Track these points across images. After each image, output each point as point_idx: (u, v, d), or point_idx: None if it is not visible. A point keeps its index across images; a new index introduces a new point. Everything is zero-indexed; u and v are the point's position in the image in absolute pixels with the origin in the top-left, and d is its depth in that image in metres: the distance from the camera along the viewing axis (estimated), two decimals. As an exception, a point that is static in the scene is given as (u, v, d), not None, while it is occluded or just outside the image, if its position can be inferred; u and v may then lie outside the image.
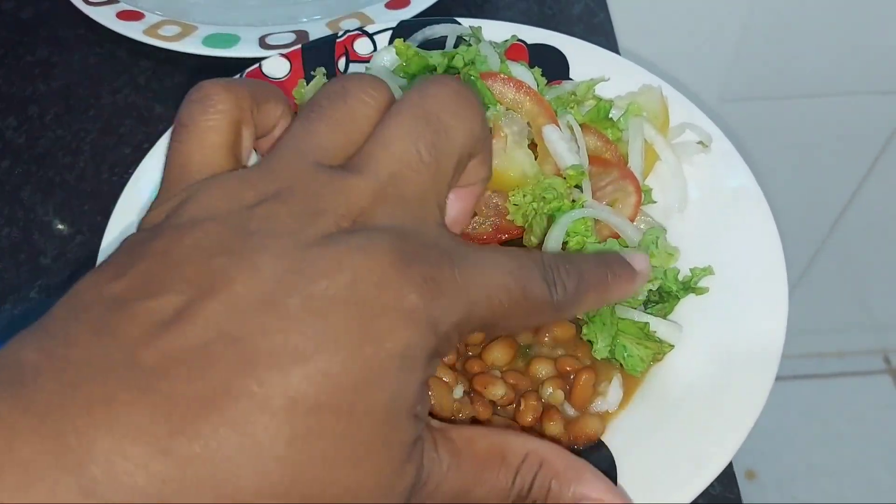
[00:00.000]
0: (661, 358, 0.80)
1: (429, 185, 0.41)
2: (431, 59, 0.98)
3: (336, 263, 0.35)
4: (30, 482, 0.30)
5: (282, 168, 0.40)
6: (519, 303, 0.41)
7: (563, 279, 0.43)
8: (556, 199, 0.83)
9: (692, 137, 0.92)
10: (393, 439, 0.36)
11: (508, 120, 0.88)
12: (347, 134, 0.42)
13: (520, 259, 0.42)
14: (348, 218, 0.38)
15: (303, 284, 0.34)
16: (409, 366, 0.36)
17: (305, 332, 0.34)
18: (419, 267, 0.36)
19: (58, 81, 1.14)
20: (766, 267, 0.84)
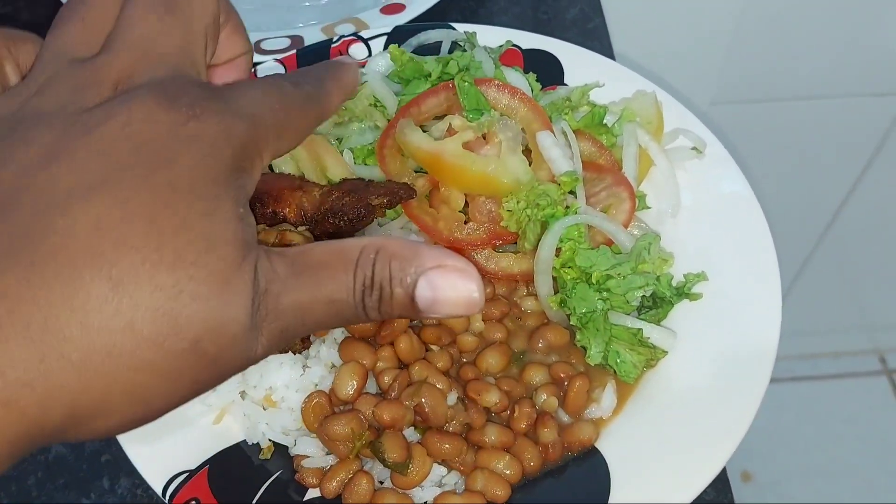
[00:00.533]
0: (654, 364, 0.81)
1: (178, 43, 0.43)
2: (426, 64, 0.98)
3: (106, 116, 0.38)
4: None
5: (40, 73, 0.42)
6: (282, 101, 0.43)
7: (303, 78, 0.47)
8: (549, 205, 0.83)
9: (686, 143, 0.93)
10: (218, 238, 0.37)
11: (503, 126, 0.89)
12: (94, 25, 0.44)
13: (270, 79, 0.44)
14: (108, 86, 0.40)
15: (79, 135, 0.37)
16: (214, 176, 0.38)
17: (94, 168, 0.36)
18: (184, 99, 0.39)
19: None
20: (759, 273, 0.84)
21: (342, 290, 0.40)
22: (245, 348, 0.38)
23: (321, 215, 0.84)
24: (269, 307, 0.39)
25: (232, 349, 0.37)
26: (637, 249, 0.83)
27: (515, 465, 0.75)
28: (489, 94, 0.91)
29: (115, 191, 0.35)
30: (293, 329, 0.40)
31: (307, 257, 0.41)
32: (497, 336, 0.84)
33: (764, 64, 1.66)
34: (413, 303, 0.41)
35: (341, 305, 0.40)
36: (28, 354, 0.33)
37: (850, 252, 2.23)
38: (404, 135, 0.88)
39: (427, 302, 0.41)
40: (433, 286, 0.41)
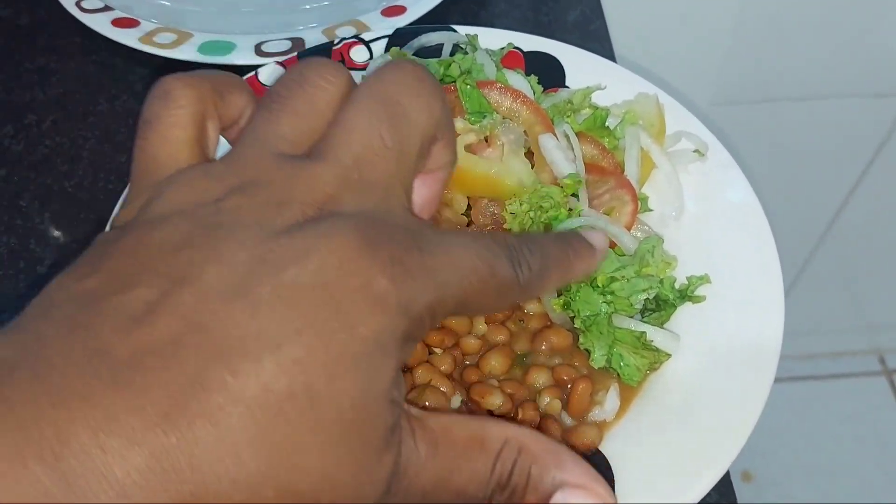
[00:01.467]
0: (657, 367, 0.81)
1: (393, 168, 0.41)
2: (428, 67, 0.98)
3: (303, 251, 0.35)
4: (2, 472, 0.30)
5: (245, 160, 0.40)
6: (487, 283, 0.40)
7: (528, 259, 0.44)
8: (552, 207, 0.83)
9: (688, 146, 0.93)
10: (369, 426, 0.35)
11: (505, 129, 0.89)
12: (308, 122, 0.42)
13: (486, 241, 0.42)
14: (314, 206, 0.37)
15: (271, 273, 0.35)
16: (383, 350, 0.36)
17: (275, 320, 0.34)
18: (387, 249, 0.36)
19: (55, 89, 1.14)
20: (761, 274, 0.84)
21: (476, 485, 0.39)
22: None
23: (324, 218, 0.85)
24: (402, 489, 0.38)
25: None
26: (640, 252, 0.83)
27: (518, 468, 0.75)
28: (491, 97, 0.91)
29: (290, 354, 0.33)
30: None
31: (449, 438, 0.39)
32: (500, 338, 0.84)
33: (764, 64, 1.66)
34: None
35: (469, 498, 0.40)
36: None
37: (850, 252, 2.23)
38: (406, 138, 0.88)
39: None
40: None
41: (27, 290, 0.93)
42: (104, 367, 0.33)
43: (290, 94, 0.42)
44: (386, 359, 0.36)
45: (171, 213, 0.38)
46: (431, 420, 0.39)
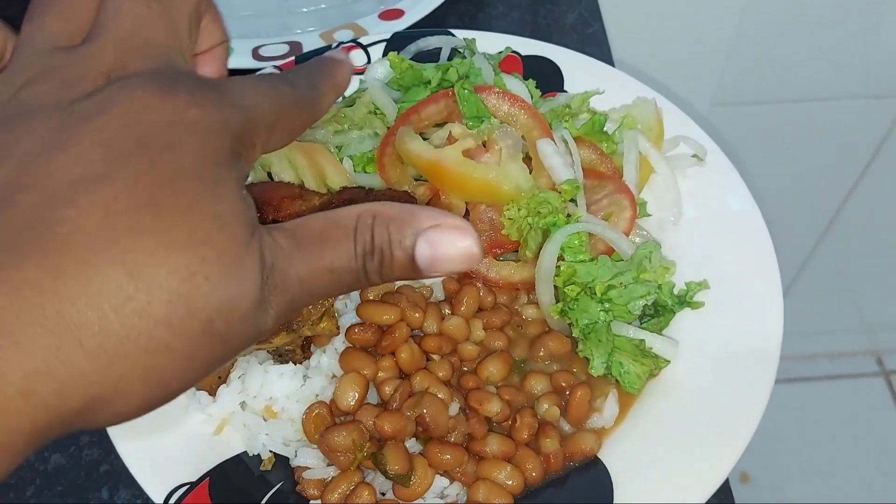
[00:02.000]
0: (657, 373, 0.80)
1: (165, 31, 0.43)
2: (425, 71, 0.98)
3: (104, 104, 0.37)
4: None
5: (24, 63, 0.41)
6: (277, 99, 0.44)
7: (297, 78, 0.47)
8: (550, 213, 0.83)
9: (687, 150, 0.92)
10: (226, 218, 0.37)
11: (503, 133, 0.88)
12: (74, 14, 0.43)
13: (263, 77, 0.45)
14: (102, 76, 0.40)
15: (80, 125, 0.37)
16: (216, 160, 0.38)
17: (98, 158, 0.36)
18: (183, 86, 0.39)
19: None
20: (760, 279, 0.84)
21: (344, 258, 0.41)
22: (255, 323, 0.38)
23: (321, 224, 0.84)
24: (277, 281, 0.39)
25: (243, 325, 0.38)
26: (638, 258, 0.83)
27: (517, 475, 0.75)
28: (489, 102, 0.91)
29: (121, 179, 0.35)
30: (299, 300, 0.41)
31: (307, 229, 0.41)
32: (498, 345, 0.83)
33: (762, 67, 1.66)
34: (413, 263, 0.42)
35: (344, 273, 0.41)
36: (46, 343, 0.33)
37: (849, 254, 2.23)
38: (404, 142, 0.88)
39: (427, 261, 0.41)
40: (432, 245, 0.41)
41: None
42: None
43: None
44: (222, 168, 0.38)
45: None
46: (286, 224, 0.41)
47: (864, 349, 2.63)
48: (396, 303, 0.82)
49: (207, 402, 0.78)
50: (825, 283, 2.33)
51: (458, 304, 0.84)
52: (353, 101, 0.97)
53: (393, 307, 0.81)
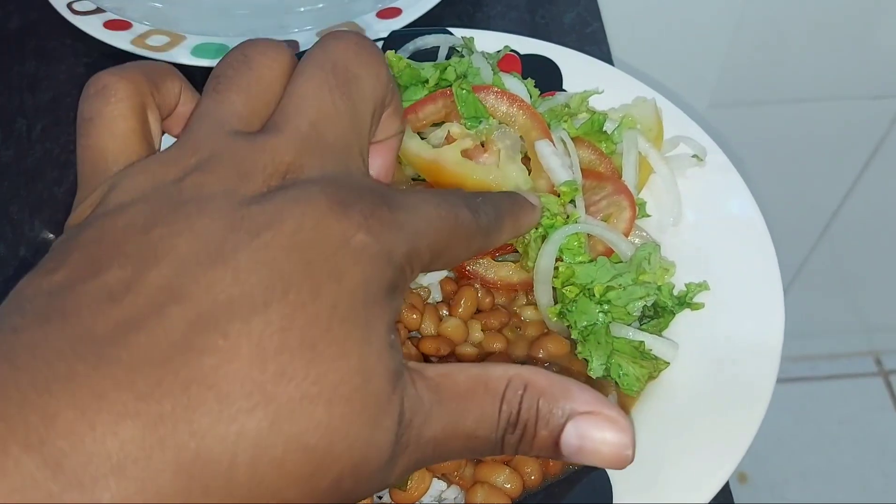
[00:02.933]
0: (657, 375, 0.80)
1: (349, 132, 0.41)
2: (423, 70, 0.97)
3: (275, 216, 0.35)
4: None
5: (200, 141, 0.39)
6: (454, 229, 0.42)
7: (483, 207, 0.46)
8: (549, 217, 0.82)
9: (686, 150, 0.92)
10: (371, 372, 0.35)
11: (501, 134, 0.88)
12: (258, 98, 0.42)
13: (445, 194, 0.44)
14: (276, 175, 0.38)
15: (246, 239, 0.34)
16: (373, 299, 0.36)
17: (259, 282, 0.33)
18: (358, 207, 0.37)
19: (45, 94, 1.13)
20: (761, 281, 0.83)
21: (486, 427, 0.38)
22: (380, 480, 0.36)
23: (319, 224, 0.83)
24: (411, 439, 0.37)
25: (368, 483, 0.36)
26: (637, 259, 0.82)
27: (516, 478, 0.74)
28: (487, 102, 0.90)
29: (279, 310, 0.33)
30: (428, 459, 0.38)
31: (452, 384, 0.39)
32: (496, 346, 0.83)
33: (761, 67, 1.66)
34: (556, 447, 0.39)
35: (481, 441, 0.39)
36: (174, 483, 0.31)
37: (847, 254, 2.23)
38: (402, 142, 0.87)
39: (572, 449, 0.39)
40: (581, 435, 0.39)
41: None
42: (86, 349, 0.32)
43: (237, 74, 0.42)
44: (377, 307, 0.36)
45: (131, 201, 0.37)
46: (430, 369, 0.39)
47: (862, 350, 2.63)
48: (394, 304, 0.81)
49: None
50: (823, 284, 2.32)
51: (456, 306, 0.83)
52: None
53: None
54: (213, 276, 0.33)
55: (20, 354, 0.32)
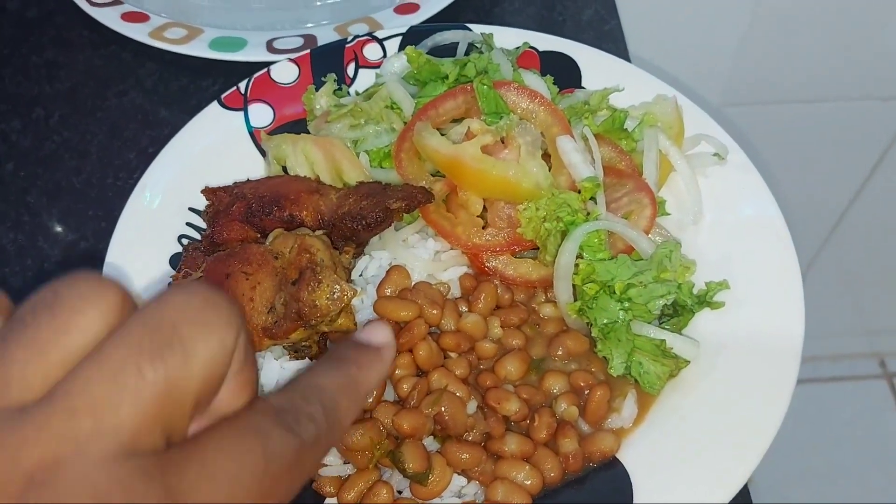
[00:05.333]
0: (677, 374, 0.80)
1: (149, 409, 0.34)
2: (443, 66, 0.97)
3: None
4: None
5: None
6: (269, 470, 0.36)
7: (304, 410, 0.39)
8: (569, 214, 0.82)
9: (707, 149, 0.92)
10: None
11: (522, 130, 0.87)
12: (52, 357, 0.34)
13: (246, 424, 0.37)
14: (18, 480, 0.32)
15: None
16: None
17: None
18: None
19: (63, 83, 1.13)
20: (781, 280, 0.83)
21: None
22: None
23: (338, 219, 0.83)
24: None
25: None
26: (658, 257, 0.82)
27: (536, 475, 0.74)
28: (508, 98, 0.90)
29: None
30: None
31: None
32: (516, 343, 0.83)
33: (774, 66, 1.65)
34: None
35: None
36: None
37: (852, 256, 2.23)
38: (422, 138, 0.87)
39: None
40: None
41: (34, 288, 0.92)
42: None
43: (34, 321, 0.35)
44: None
45: None
46: None
47: (866, 351, 2.63)
48: (414, 299, 0.81)
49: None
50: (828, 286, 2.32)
51: (476, 302, 0.83)
52: (370, 95, 0.96)
53: (411, 304, 0.80)
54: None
55: None
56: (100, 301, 0.36)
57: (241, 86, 0.99)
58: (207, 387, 0.36)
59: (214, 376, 0.36)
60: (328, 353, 0.45)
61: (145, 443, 0.34)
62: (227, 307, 0.37)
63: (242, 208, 0.84)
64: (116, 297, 0.36)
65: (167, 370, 0.34)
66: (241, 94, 0.99)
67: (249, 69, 1.01)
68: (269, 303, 0.74)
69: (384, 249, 0.87)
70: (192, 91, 1.11)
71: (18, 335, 0.35)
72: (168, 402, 0.34)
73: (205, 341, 0.36)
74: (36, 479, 0.32)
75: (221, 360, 0.36)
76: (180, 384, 0.34)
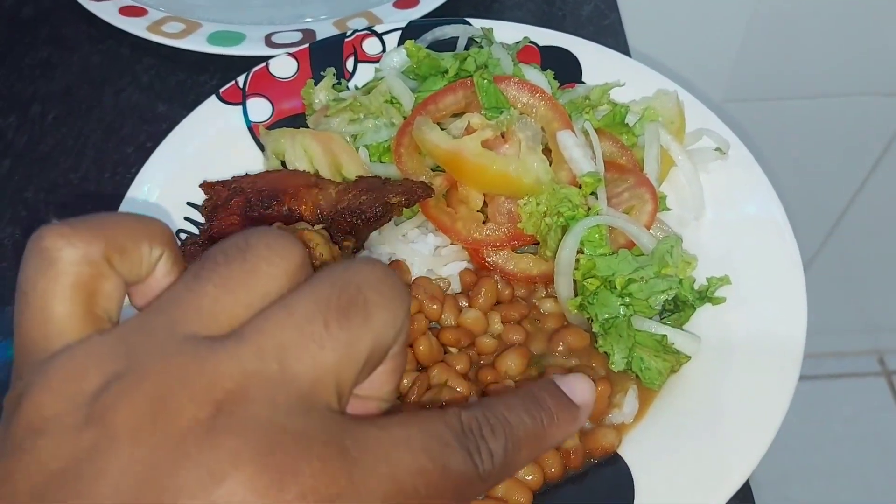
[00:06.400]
0: (678, 369, 0.79)
1: (330, 364, 0.34)
2: (443, 61, 0.96)
3: (197, 488, 0.30)
4: None
5: (140, 340, 0.34)
6: (439, 484, 0.35)
7: (489, 443, 0.38)
8: (570, 209, 0.82)
9: (709, 144, 0.91)
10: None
11: (522, 125, 0.87)
12: (239, 300, 0.35)
13: (432, 429, 0.36)
14: (208, 405, 0.32)
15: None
16: None
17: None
18: (295, 479, 0.31)
19: (59, 80, 1.12)
20: (783, 276, 0.83)
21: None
22: None
23: (338, 213, 0.83)
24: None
25: None
26: (659, 252, 0.81)
27: (536, 471, 0.74)
28: (508, 92, 0.89)
29: None
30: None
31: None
32: (516, 338, 0.82)
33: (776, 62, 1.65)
34: None
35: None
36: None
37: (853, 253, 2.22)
38: (422, 132, 0.87)
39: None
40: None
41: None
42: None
43: (226, 262, 0.36)
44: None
45: (37, 431, 0.33)
46: None
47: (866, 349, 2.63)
48: (414, 294, 0.80)
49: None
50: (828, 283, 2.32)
51: (476, 297, 0.83)
52: (370, 89, 0.96)
53: (411, 298, 0.79)
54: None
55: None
56: (288, 254, 0.37)
57: (240, 80, 0.98)
58: (377, 353, 0.37)
59: (382, 347, 0.37)
60: (528, 389, 0.42)
61: (321, 398, 0.34)
62: (404, 285, 0.39)
63: (241, 203, 0.84)
64: (302, 255, 0.38)
65: (350, 328, 0.35)
66: (240, 89, 0.98)
67: (248, 64, 1.01)
68: (268, 298, 0.74)
69: (384, 244, 0.86)
70: (189, 86, 1.11)
71: (209, 272, 0.36)
72: (345, 360, 0.35)
73: (384, 309, 0.36)
74: (224, 409, 0.32)
75: (393, 332, 0.37)
76: (358, 345, 0.35)
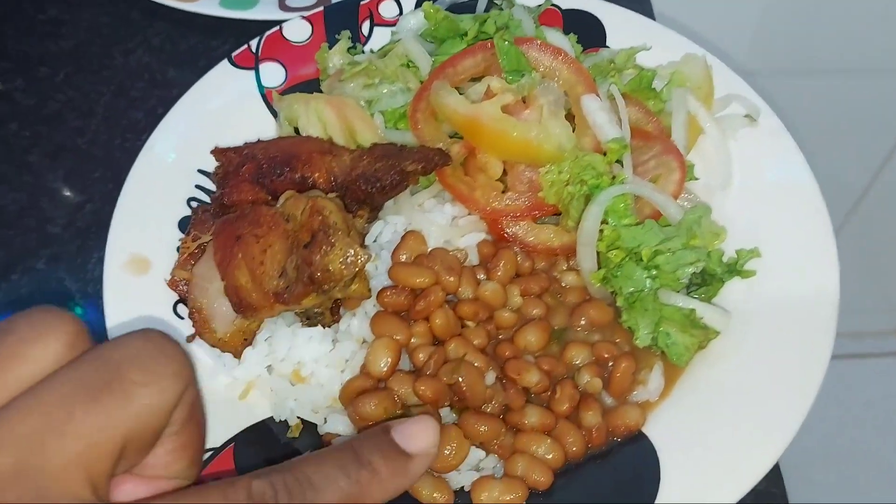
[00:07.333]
0: (706, 345, 0.76)
1: (72, 455, 0.33)
2: (462, 22, 0.93)
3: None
4: None
5: None
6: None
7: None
8: (594, 178, 0.78)
9: (738, 110, 0.87)
10: None
11: (544, 89, 0.83)
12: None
13: (215, 495, 0.35)
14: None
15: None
16: None
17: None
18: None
19: (68, 41, 1.09)
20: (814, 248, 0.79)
21: None
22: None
23: (352, 181, 0.80)
24: None
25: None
26: (687, 223, 0.78)
27: (557, 449, 0.71)
28: (530, 55, 0.86)
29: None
30: None
31: None
32: (536, 312, 0.79)
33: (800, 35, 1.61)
34: None
35: None
36: None
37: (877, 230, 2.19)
38: (439, 97, 0.83)
39: None
40: None
41: (36, 252, 0.89)
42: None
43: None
44: None
45: None
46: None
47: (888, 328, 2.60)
48: (431, 266, 0.77)
49: (233, 364, 0.75)
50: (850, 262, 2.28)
51: (495, 269, 0.80)
52: (386, 53, 0.92)
53: (427, 270, 0.77)
54: None
55: None
56: (55, 334, 0.36)
57: (253, 44, 0.95)
58: (139, 436, 0.35)
59: (148, 427, 0.35)
60: (350, 443, 0.38)
61: (68, 490, 0.33)
62: (180, 361, 0.36)
63: (253, 169, 0.81)
64: (72, 330, 0.37)
65: (98, 414, 0.33)
66: (253, 53, 0.95)
67: (261, 28, 0.98)
68: (281, 267, 0.71)
69: (399, 214, 0.83)
70: (201, 51, 1.08)
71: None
72: (93, 449, 0.33)
73: (147, 388, 0.35)
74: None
75: (160, 411, 0.35)
76: (108, 431, 0.34)
